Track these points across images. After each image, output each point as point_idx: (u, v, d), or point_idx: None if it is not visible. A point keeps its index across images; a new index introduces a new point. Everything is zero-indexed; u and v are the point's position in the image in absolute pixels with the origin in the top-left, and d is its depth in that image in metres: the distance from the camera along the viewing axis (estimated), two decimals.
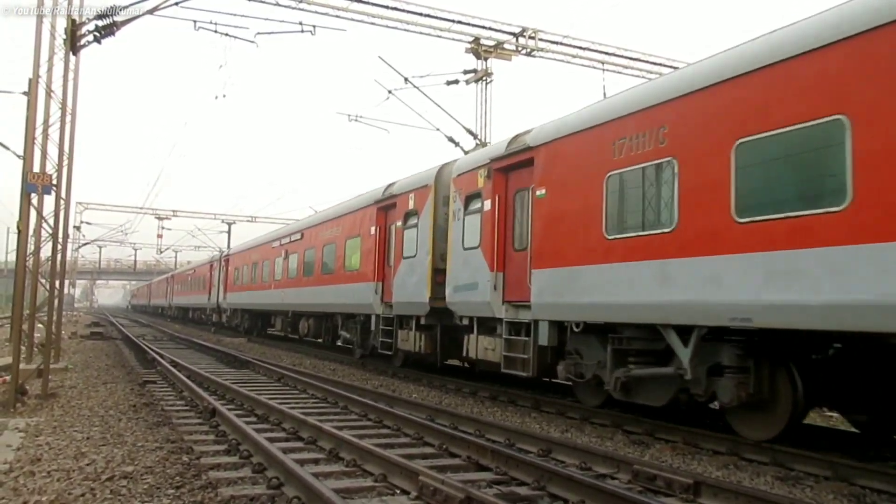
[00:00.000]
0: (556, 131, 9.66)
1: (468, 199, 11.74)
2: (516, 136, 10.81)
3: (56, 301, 14.28)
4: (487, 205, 11.10)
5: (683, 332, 7.52)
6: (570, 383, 10.17)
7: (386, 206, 15.37)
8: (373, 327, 15.73)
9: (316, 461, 6.47)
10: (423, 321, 13.43)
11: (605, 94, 9.95)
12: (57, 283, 14.01)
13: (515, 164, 10.61)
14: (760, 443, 7.20)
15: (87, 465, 6.07)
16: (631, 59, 24.07)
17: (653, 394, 8.27)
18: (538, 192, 9.84)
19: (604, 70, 23.73)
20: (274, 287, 23.91)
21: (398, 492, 5.50)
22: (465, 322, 11.78)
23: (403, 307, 14.02)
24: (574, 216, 9.11)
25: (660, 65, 23.99)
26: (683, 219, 7.40)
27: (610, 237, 8.44)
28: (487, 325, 11.26)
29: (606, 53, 23.74)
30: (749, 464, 6.86)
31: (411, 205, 14.03)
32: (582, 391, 9.92)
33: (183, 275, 48.32)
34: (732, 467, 6.74)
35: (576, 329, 9.14)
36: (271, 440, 6.87)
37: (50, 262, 13.60)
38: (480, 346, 11.24)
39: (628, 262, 8.13)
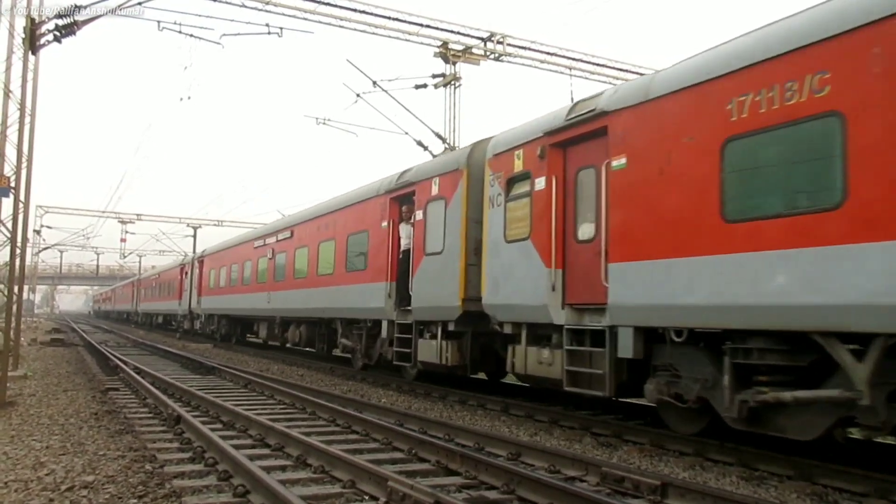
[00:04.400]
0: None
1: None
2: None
3: (15, 307, 13.93)
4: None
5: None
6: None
7: None
8: None
9: (283, 468, 6.39)
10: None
11: (572, 99, 9.76)
12: (16, 289, 13.67)
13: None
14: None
15: (46, 475, 5.91)
16: (598, 64, 24.33)
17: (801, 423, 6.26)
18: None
19: (571, 75, 23.96)
20: None
21: (367, 497, 5.46)
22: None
23: None
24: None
25: (626, 70, 24.30)
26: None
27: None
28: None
29: (573, 59, 23.94)
30: (715, 464, 6.95)
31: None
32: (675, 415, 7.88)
33: (234, 252, 25.80)
34: (699, 468, 6.81)
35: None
36: (237, 447, 6.76)
37: (8, 268, 13.27)
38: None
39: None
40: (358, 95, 18.59)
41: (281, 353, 22.06)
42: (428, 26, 21.59)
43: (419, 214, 12.35)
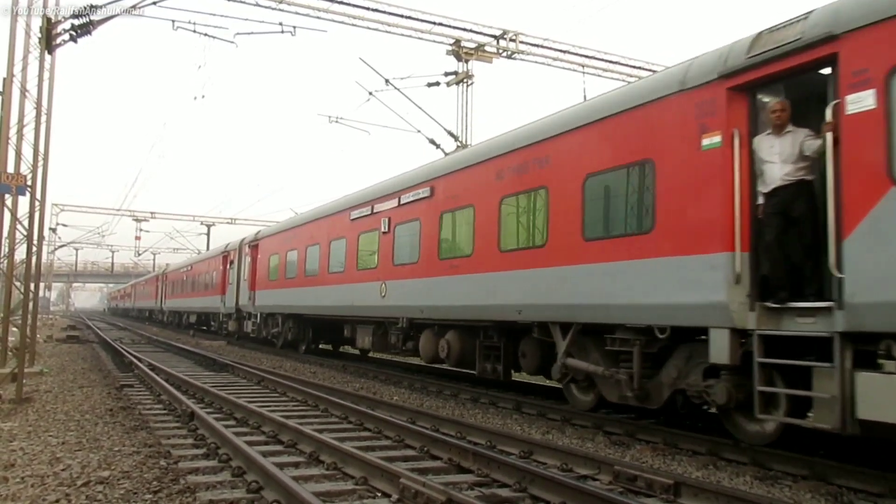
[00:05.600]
0: None
1: None
2: None
3: (31, 304, 14.08)
4: None
5: None
6: None
7: None
8: None
9: (296, 464, 6.42)
10: None
11: (584, 97, 9.68)
12: (32, 286, 13.82)
13: None
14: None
15: (63, 470, 5.97)
16: (610, 62, 24.26)
17: None
18: None
19: (584, 73, 23.91)
20: None
21: (379, 494, 5.47)
22: None
23: None
24: None
25: (639, 68, 24.21)
26: None
27: None
28: None
29: (586, 56, 23.91)
30: (728, 464, 6.91)
31: None
32: None
33: (313, 229, 18.66)
34: (712, 467, 6.78)
35: None
36: (251, 444, 6.80)
37: (24, 265, 13.40)
38: None
39: None
40: (370, 94, 18.66)
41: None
42: (440, 24, 21.64)
43: (858, 101, 5.77)
